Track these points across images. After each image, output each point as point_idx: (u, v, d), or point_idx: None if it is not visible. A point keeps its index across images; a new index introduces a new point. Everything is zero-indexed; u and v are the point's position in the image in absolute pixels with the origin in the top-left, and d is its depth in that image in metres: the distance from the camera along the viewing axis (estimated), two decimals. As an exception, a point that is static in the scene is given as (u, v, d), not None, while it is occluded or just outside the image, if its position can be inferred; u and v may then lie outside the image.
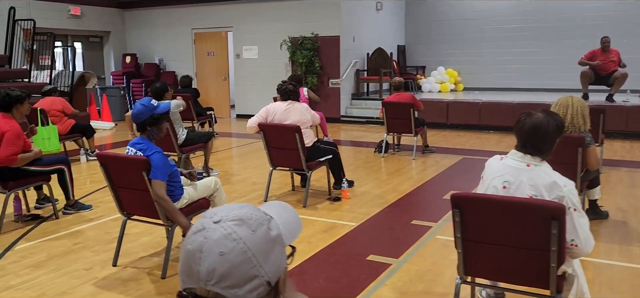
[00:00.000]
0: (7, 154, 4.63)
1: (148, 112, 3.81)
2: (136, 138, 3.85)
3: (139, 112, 3.78)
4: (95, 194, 6.14)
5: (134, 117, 3.80)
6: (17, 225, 5.01)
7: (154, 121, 3.85)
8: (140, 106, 3.79)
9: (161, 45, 14.42)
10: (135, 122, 3.82)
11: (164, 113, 3.94)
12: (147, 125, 3.82)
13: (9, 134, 4.65)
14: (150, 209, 3.78)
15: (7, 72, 11.36)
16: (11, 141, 4.65)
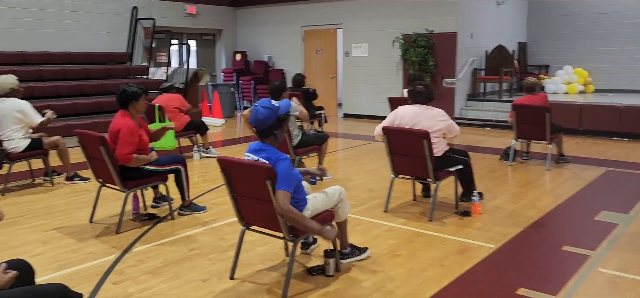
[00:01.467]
0: (122, 153, 4.54)
1: (274, 115, 3.41)
2: (256, 143, 3.48)
3: (264, 116, 3.38)
4: (209, 195, 5.99)
5: (258, 122, 3.39)
6: (134, 224, 4.93)
7: (280, 123, 3.47)
8: (263, 109, 3.40)
9: (270, 43, 14.43)
10: (259, 128, 3.42)
11: (287, 113, 3.57)
12: (274, 129, 3.44)
13: (123, 131, 4.57)
14: (272, 221, 3.41)
15: (128, 69, 11.87)
16: (125, 139, 4.56)
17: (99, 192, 5.02)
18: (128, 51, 12.15)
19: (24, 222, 5.00)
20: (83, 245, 4.37)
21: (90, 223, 4.96)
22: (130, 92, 4.73)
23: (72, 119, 9.48)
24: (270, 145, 3.43)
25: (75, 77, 10.61)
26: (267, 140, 3.43)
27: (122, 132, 4.53)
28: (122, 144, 4.52)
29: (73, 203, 5.63)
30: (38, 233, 4.69)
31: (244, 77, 14.38)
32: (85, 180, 6.51)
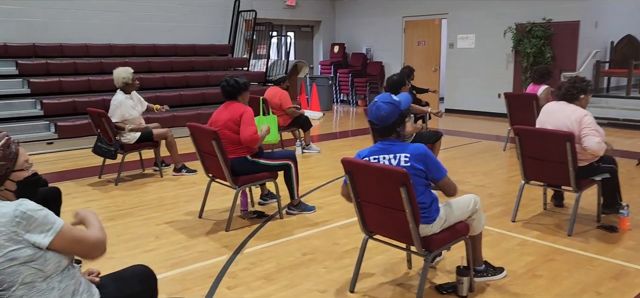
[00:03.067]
0: (250, 132, 4.45)
1: (396, 111, 3.06)
2: (383, 143, 3.11)
3: (387, 112, 3.02)
4: (315, 193, 5.71)
5: (379, 119, 3.03)
6: (243, 222, 4.75)
7: (403, 119, 3.13)
8: (385, 105, 3.04)
9: (369, 35, 14.01)
10: (381, 125, 3.06)
11: (408, 108, 3.19)
12: (397, 126, 3.08)
13: (246, 115, 4.48)
14: (402, 233, 3.02)
15: (229, 61, 11.98)
16: (250, 121, 4.48)
17: (208, 187, 4.89)
18: (230, 43, 12.28)
19: (137, 213, 5.00)
20: (194, 243, 4.24)
21: (199, 218, 4.84)
22: (243, 83, 4.60)
23: (177, 109, 9.66)
24: (395, 140, 3.10)
25: (180, 68, 10.85)
26: (389, 137, 3.10)
27: (247, 114, 4.48)
28: (248, 126, 4.46)
29: (181, 196, 5.59)
30: (150, 226, 4.64)
31: (342, 70, 14.10)
32: (192, 172, 6.49)
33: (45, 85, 8.82)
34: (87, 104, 8.73)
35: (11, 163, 1.92)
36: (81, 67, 9.53)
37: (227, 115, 4.50)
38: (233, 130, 4.47)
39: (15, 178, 1.95)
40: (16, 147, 1.95)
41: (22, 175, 1.97)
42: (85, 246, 1.95)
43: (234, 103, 4.60)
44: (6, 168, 1.91)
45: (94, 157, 6.32)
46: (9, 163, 1.91)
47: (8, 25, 9.27)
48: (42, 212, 1.84)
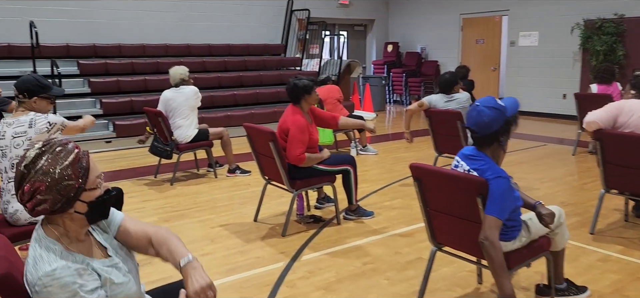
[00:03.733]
0: (294, 154, 4.18)
1: (501, 117, 2.62)
2: (471, 148, 2.79)
3: (490, 118, 2.60)
4: (373, 198, 5.48)
5: (480, 126, 2.63)
6: (299, 227, 4.58)
7: (508, 127, 2.68)
8: (488, 110, 2.61)
9: (424, 33, 13.62)
10: (481, 132, 2.65)
11: (516, 115, 2.76)
12: (500, 135, 2.66)
13: (293, 130, 4.20)
14: (473, 245, 2.74)
15: (282, 61, 11.91)
16: (297, 138, 4.18)
17: (264, 189, 4.75)
18: (282, 43, 12.20)
19: (192, 215, 4.92)
20: (250, 248, 4.10)
21: (255, 222, 4.71)
22: (302, 85, 4.34)
23: (231, 109, 9.65)
24: (488, 155, 2.69)
25: (234, 68, 10.86)
26: (486, 148, 2.69)
27: (292, 131, 4.18)
28: (294, 143, 4.17)
29: (236, 198, 5.48)
30: (205, 229, 4.55)
31: (395, 69, 13.77)
32: (247, 173, 6.40)
33: (104, 85, 8.99)
34: (144, 103, 8.84)
35: (82, 181, 1.57)
36: (138, 67, 9.67)
37: (281, 122, 4.33)
38: (284, 140, 4.29)
39: (87, 199, 1.59)
40: (87, 161, 1.60)
41: (94, 194, 1.61)
42: None
43: (294, 108, 4.39)
44: (76, 189, 1.55)
45: (150, 156, 6.34)
46: (79, 181, 1.56)
47: (71, 27, 9.52)
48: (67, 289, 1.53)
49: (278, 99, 10.45)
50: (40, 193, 1.52)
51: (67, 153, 1.57)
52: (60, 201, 1.54)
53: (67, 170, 1.54)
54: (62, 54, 9.19)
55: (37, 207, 1.53)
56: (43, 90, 3.22)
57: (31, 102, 3.20)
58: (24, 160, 1.54)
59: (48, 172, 1.52)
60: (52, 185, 1.52)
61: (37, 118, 3.15)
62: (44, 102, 3.25)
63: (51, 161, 1.54)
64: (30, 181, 1.52)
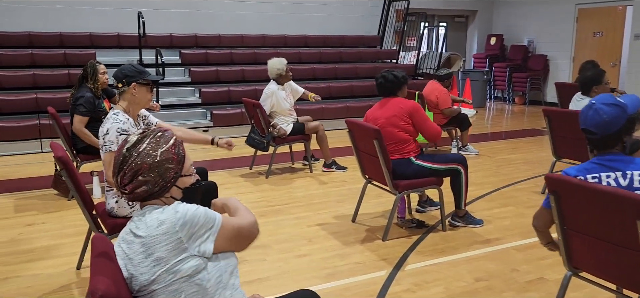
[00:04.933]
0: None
1: (623, 115, 2.30)
2: (601, 157, 2.35)
3: (611, 117, 2.27)
4: (480, 203, 5.01)
5: (600, 126, 2.28)
6: (400, 231, 4.25)
7: (631, 126, 2.36)
8: (607, 108, 2.29)
9: (533, 25, 12.64)
10: (601, 133, 2.30)
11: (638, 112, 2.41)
12: (623, 134, 2.33)
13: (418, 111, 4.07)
14: (630, 277, 2.28)
15: (378, 53, 11.56)
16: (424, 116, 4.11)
17: (364, 189, 4.47)
18: (379, 34, 11.84)
19: (287, 211, 4.76)
20: (349, 251, 3.84)
21: (353, 223, 4.45)
22: (401, 76, 4.13)
23: (325, 102, 9.47)
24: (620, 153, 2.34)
25: (329, 60, 10.68)
26: (610, 150, 2.33)
27: (420, 112, 4.07)
28: (428, 123, 4.10)
29: (332, 195, 5.25)
30: (302, 227, 4.35)
31: (498, 64, 12.92)
32: (343, 169, 6.16)
33: (204, 74, 9.16)
34: (241, 93, 8.90)
35: (180, 167, 1.68)
36: (236, 57, 9.77)
37: (391, 111, 4.03)
38: (401, 128, 3.99)
39: (182, 185, 1.70)
40: (183, 148, 1.71)
41: (188, 181, 1.73)
42: (245, 232, 1.71)
43: (394, 99, 4.11)
44: (175, 172, 1.66)
45: (246, 146, 6.28)
46: (178, 166, 1.66)
47: (174, 17, 9.81)
48: (200, 210, 1.61)
49: (373, 92, 10.12)
50: (142, 173, 1.58)
51: (166, 139, 1.66)
52: (159, 184, 1.61)
53: (167, 153, 1.62)
54: (166, 43, 9.48)
55: (136, 189, 1.60)
56: (141, 75, 3.10)
57: (131, 90, 3.09)
58: (126, 144, 1.61)
59: (150, 154, 1.59)
60: (154, 166, 1.59)
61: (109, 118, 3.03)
62: (143, 89, 3.11)
63: (153, 145, 1.61)
64: (132, 162, 1.58)
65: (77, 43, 8.89)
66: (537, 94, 12.44)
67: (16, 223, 4.41)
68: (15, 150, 7.07)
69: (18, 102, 7.45)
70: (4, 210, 4.73)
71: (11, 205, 4.90)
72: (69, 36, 8.87)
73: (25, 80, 7.86)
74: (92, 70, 4.93)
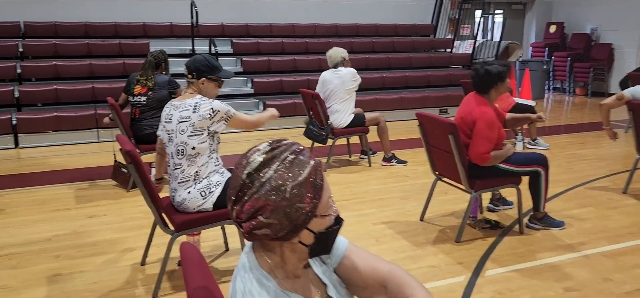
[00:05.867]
0: (478, 152, 3.56)
1: None
2: None
3: None
4: (556, 203, 4.67)
5: None
6: (474, 232, 3.98)
7: None
8: None
9: (597, 12, 11.95)
10: None
11: None
12: None
13: (480, 125, 3.56)
14: None
15: (431, 42, 11.17)
16: (484, 135, 3.55)
17: (433, 186, 4.21)
18: (432, 23, 11.44)
19: (351, 208, 4.55)
20: (421, 253, 3.60)
21: (421, 221, 4.20)
22: (496, 72, 3.65)
23: (379, 92, 9.20)
24: None
25: (382, 49, 10.38)
26: None
27: (480, 125, 3.55)
28: (479, 141, 3.55)
29: (394, 191, 5.01)
30: (368, 225, 4.14)
31: (559, 53, 12.29)
32: (403, 163, 5.90)
33: (255, 64, 9.04)
34: (293, 83, 8.74)
35: (314, 205, 1.15)
36: (288, 47, 9.61)
37: (466, 110, 3.72)
38: (464, 133, 3.68)
39: (315, 228, 1.18)
40: (321, 177, 1.19)
41: (324, 223, 1.19)
42: None
43: (479, 98, 3.74)
44: (306, 214, 1.15)
45: (303, 138, 6.12)
46: (313, 206, 1.15)
47: (226, 6, 9.72)
48: None
49: (428, 83, 9.79)
50: (264, 214, 1.13)
51: (301, 165, 1.16)
52: (285, 228, 1.15)
53: (300, 188, 1.13)
54: (218, 33, 9.41)
55: (256, 230, 1.16)
56: (211, 71, 3.00)
57: (199, 83, 2.99)
58: (247, 166, 1.16)
59: (278, 188, 1.13)
60: (281, 206, 1.13)
61: (202, 103, 2.93)
62: (212, 84, 3.03)
63: (282, 173, 1.14)
64: (253, 196, 1.14)
65: (131, 33, 8.93)
66: (601, 84, 11.76)
67: (78, 214, 4.37)
68: (73, 140, 7.15)
69: (76, 92, 7.52)
70: (66, 201, 4.72)
71: (72, 195, 4.89)
72: (124, 26, 8.92)
73: (82, 69, 7.94)
74: (165, 58, 5.02)
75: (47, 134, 7.03)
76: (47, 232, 3.97)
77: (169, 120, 3.00)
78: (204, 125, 2.90)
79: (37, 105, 7.55)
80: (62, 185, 5.21)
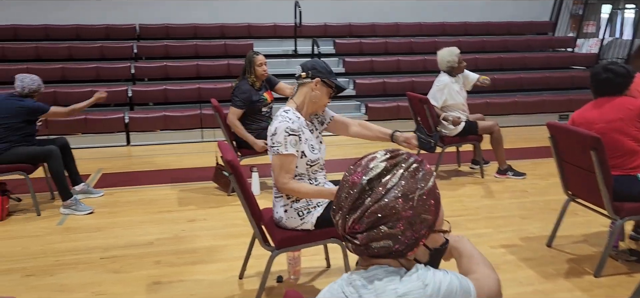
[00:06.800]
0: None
1: None
2: None
3: None
4: None
5: None
6: (616, 265, 3.37)
7: None
8: None
9: None
10: None
11: None
12: None
13: None
14: None
15: (550, 41, 10.23)
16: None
17: (565, 207, 3.64)
18: (551, 19, 10.47)
19: (465, 225, 4.09)
20: (552, 288, 3.08)
21: (548, 247, 3.66)
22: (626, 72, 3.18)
23: (490, 96, 8.52)
24: None
25: (493, 49, 9.65)
26: None
27: None
28: None
29: (512, 208, 4.47)
30: (484, 248, 3.66)
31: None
32: (521, 175, 5.31)
33: (358, 65, 8.76)
34: (396, 85, 8.36)
35: (436, 218, 1.12)
36: (391, 47, 9.23)
37: (615, 114, 3.15)
38: (630, 135, 3.11)
39: (432, 244, 1.14)
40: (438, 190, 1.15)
41: (440, 239, 1.16)
42: None
43: (617, 99, 3.20)
44: (429, 226, 1.10)
45: (408, 146, 5.71)
46: (434, 218, 1.11)
47: (328, 6, 9.55)
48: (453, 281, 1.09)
49: (546, 85, 8.93)
50: (387, 223, 1.04)
51: (425, 175, 1.11)
52: (407, 240, 1.06)
53: (427, 198, 1.08)
54: (320, 33, 9.26)
55: (374, 242, 1.06)
56: (329, 75, 2.72)
57: (312, 84, 2.69)
58: (367, 172, 1.08)
59: (405, 195, 1.06)
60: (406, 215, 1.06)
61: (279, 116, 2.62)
62: (325, 89, 2.72)
63: (408, 180, 1.07)
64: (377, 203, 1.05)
65: (236, 34, 9.03)
66: None
67: (179, 217, 4.34)
68: (178, 139, 7.30)
69: (182, 92, 7.70)
70: (168, 202, 4.73)
71: (175, 196, 4.90)
72: (230, 27, 9.04)
73: (189, 70, 8.12)
74: (248, 61, 4.73)
75: (155, 133, 7.24)
76: (150, 235, 3.95)
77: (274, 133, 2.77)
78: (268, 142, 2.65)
79: (148, 104, 7.82)
80: (166, 185, 5.26)
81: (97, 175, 5.67)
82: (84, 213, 4.41)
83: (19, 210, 4.56)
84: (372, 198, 1.05)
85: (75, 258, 3.56)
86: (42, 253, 3.64)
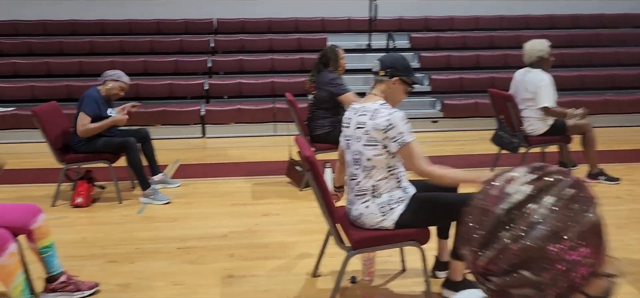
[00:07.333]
0: None
1: None
2: None
3: None
4: None
5: None
6: None
7: None
8: None
9: None
10: None
11: None
12: None
13: None
14: None
15: (646, 35, 9.41)
16: None
17: (671, 219, 3.28)
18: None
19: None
20: (657, 308, 2.77)
21: None
22: None
23: (576, 94, 7.96)
24: None
25: (582, 43, 9.02)
26: None
27: None
28: None
29: (607, 216, 4.09)
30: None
31: None
32: (614, 181, 4.88)
33: (434, 60, 8.48)
34: (474, 81, 8.00)
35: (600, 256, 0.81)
36: (470, 41, 8.86)
37: None
38: None
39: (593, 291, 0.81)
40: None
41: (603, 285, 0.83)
42: None
43: None
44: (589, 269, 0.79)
45: (485, 143, 5.43)
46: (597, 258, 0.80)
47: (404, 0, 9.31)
48: None
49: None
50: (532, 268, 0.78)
51: (584, 202, 0.81)
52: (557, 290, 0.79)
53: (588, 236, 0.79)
54: (395, 27, 9.05)
55: (513, 289, 0.80)
56: (408, 73, 2.61)
57: (390, 82, 2.59)
58: (504, 199, 0.82)
59: (556, 234, 0.78)
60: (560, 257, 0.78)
61: (381, 110, 2.51)
62: (402, 87, 2.62)
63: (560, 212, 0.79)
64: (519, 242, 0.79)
65: (310, 28, 9.01)
66: None
67: (253, 211, 4.34)
68: (252, 132, 7.37)
69: (257, 86, 7.77)
70: (243, 196, 4.75)
71: (248, 190, 4.92)
72: (303, 21, 9.03)
73: (264, 65, 8.19)
74: (334, 54, 4.65)
75: (230, 126, 7.36)
76: (224, 228, 3.97)
77: (347, 125, 2.68)
78: (378, 137, 2.50)
79: (223, 97, 7.97)
80: (240, 178, 5.30)
81: (175, 165, 5.82)
82: (162, 203, 4.52)
83: (102, 197, 4.74)
84: (511, 234, 0.80)
85: (154, 247, 3.63)
86: (123, 241, 3.75)
